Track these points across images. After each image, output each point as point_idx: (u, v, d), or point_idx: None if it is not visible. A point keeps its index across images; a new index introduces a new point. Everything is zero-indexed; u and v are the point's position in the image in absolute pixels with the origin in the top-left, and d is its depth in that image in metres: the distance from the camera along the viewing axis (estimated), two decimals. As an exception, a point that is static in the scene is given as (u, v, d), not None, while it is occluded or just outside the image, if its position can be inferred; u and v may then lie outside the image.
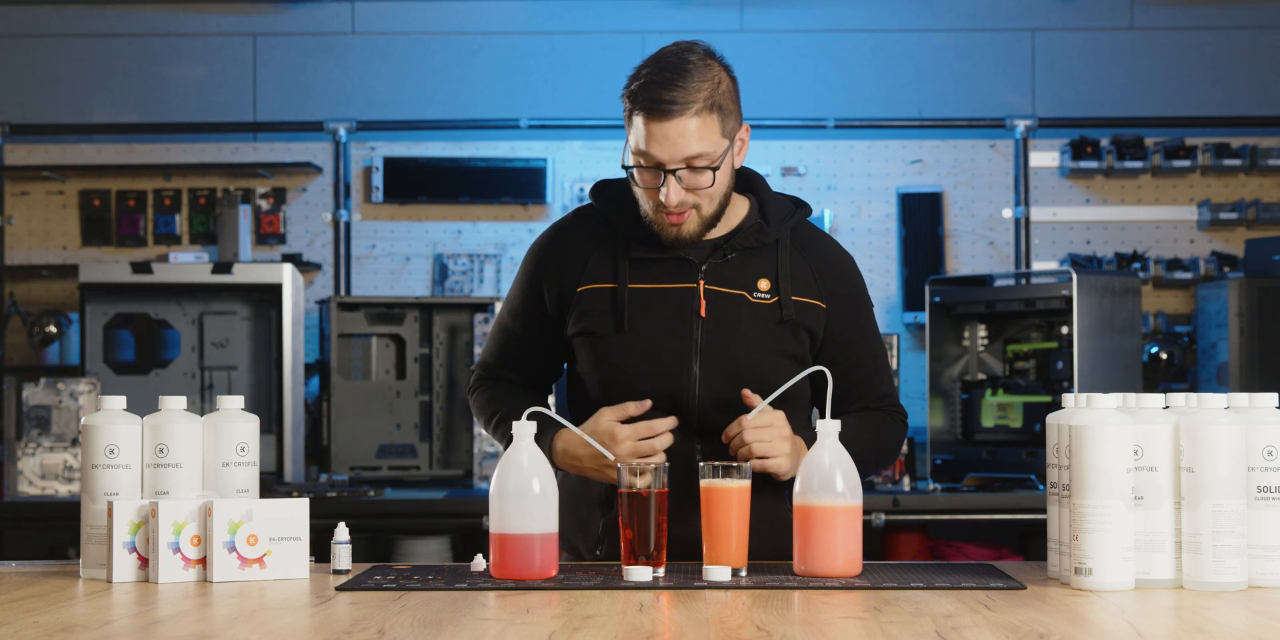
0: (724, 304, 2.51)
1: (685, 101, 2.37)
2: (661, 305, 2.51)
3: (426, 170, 5.61)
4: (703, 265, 2.52)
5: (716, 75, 2.42)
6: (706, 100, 2.39)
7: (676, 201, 2.42)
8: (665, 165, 2.40)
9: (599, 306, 2.52)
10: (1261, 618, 1.91)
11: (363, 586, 2.17)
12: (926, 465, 4.98)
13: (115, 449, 2.34)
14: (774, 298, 2.53)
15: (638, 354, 2.50)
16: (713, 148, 2.41)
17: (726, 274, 2.52)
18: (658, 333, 2.50)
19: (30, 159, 5.66)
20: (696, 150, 2.39)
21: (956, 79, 5.68)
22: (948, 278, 5.05)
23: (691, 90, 2.38)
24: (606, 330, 2.51)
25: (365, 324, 5.19)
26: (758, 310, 2.52)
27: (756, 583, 2.19)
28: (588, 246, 2.57)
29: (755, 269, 2.53)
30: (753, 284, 2.53)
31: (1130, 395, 2.22)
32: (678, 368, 2.49)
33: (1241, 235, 5.56)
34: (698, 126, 2.38)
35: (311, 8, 5.73)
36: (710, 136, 2.40)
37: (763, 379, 2.49)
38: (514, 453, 2.26)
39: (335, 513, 4.25)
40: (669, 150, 2.39)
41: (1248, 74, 5.68)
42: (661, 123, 2.38)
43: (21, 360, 5.54)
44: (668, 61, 2.41)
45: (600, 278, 2.54)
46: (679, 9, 5.64)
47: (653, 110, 2.38)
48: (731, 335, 2.50)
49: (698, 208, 2.45)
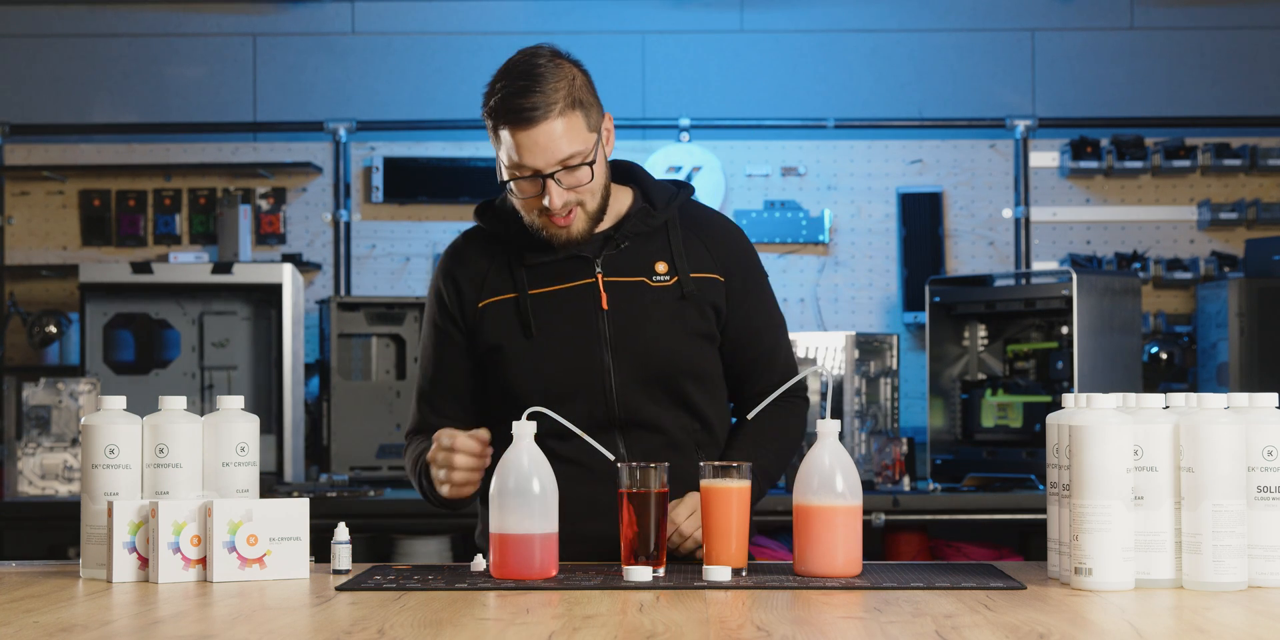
0: (625, 293, 2.53)
1: (546, 105, 2.38)
2: (564, 306, 2.53)
3: (426, 170, 5.61)
4: (598, 258, 2.54)
5: (569, 73, 2.43)
6: (566, 98, 2.40)
7: (560, 204, 2.43)
8: (542, 171, 2.41)
9: (504, 318, 2.54)
10: (1261, 618, 1.91)
11: (363, 586, 2.17)
12: (926, 465, 4.98)
13: (115, 449, 2.34)
14: (673, 278, 2.55)
15: (549, 358, 2.52)
16: (583, 145, 2.42)
17: (622, 263, 2.54)
18: (565, 333, 2.52)
19: (30, 159, 5.66)
20: (568, 151, 2.40)
21: (956, 79, 5.68)
22: (948, 278, 5.05)
23: (549, 92, 2.38)
24: (515, 339, 2.53)
25: (365, 324, 5.19)
26: (659, 293, 2.54)
27: (756, 583, 2.19)
28: (482, 263, 2.58)
29: (650, 253, 2.56)
30: (650, 268, 2.55)
31: (1130, 395, 2.22)
32: (590, 363, 2.51)
33: (1241, 235, 5.56)
34: (564, 127, 2.40)
35: (311, 8, 5.73)
36: (578, 134, 2.41)
37: (674, 361, 2.53)
38: (514, 453, 2.26)
39: (335, 513, 4.25)
40: (542, 156, 2.40)
41: (1248, 74, 5.68)
42: (528, 130, 2.38)
43: (21, 360, 5.54)
44: (519, 70, 2.41)
45: (500, 290, 2.55)
46: (679, 9, 5.64)
47: (516, 120, 2.38)
48: (638, 322, 2.52)
49: (581, 205, 2.47)
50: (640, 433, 2.54)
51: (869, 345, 4.93)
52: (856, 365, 4.88)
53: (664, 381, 2.54)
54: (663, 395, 2.53)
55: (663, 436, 2.55)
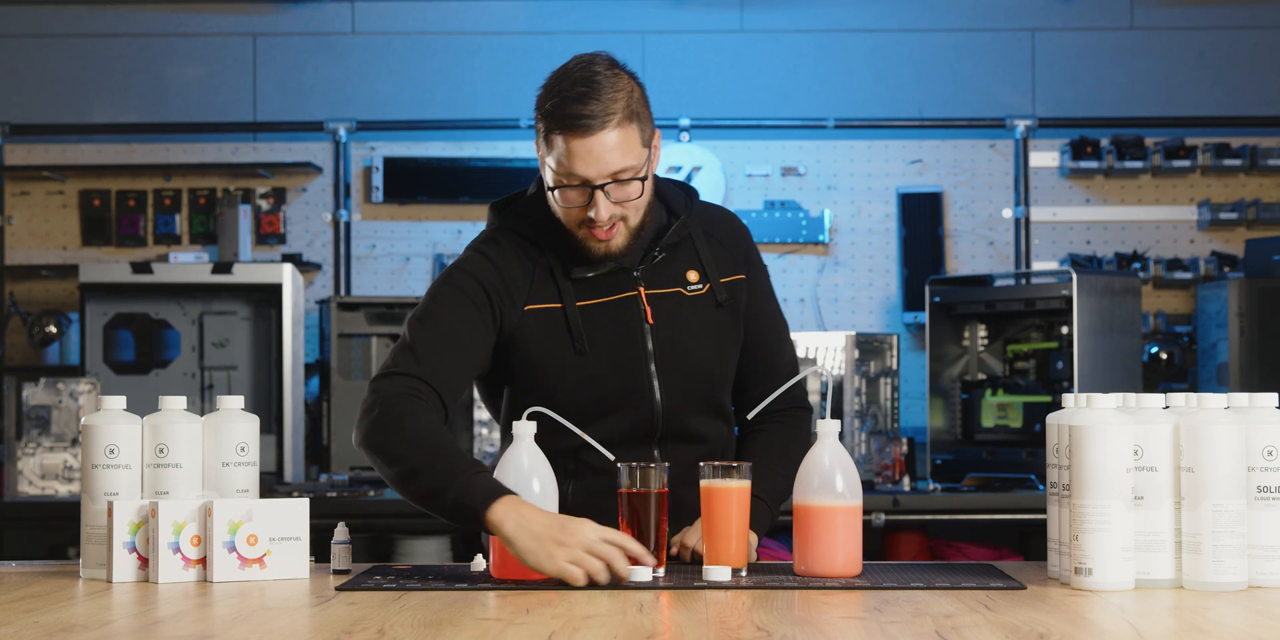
0: (666, 305, 2.50)
1: (605, 115, 2.33)
2: (611, 320, 2.47)
3: (426, 170, 5.61)
4: (636, 271, 2.49)
5: (627, 84, 2.39)
6: (624, 110, 2.36)
7: (606, 216, 2.38)
8: (592, 182, 2.35)
9: (550, 329, 2.45)
10: (1261, 618, 1.91)
11: (363, 586, 2.17)
12: (926, 465, 4.98)
13: (115, 449, 2.34)
14: (705, 286, 2.53)
15: (598, 372, 2.46)
16: (636, 160, 2.37)
17: (659, 275, 2.51)
18: (613, 347, 2.47)
19: (30, 159, 5.66)
20: (621, 164, 2.35)
21: (956, 79, 5.68)
22: (948, 278, 5.05)
23: (608, 102, 2.34)
24: (564, 353, 2.45)
25: (365, 324, 5.19)
26: (695, 303, 2.52)
27: (756, 583, 2.19)
28: (526, 265, 2.47)
29: (681, 263, 2.53)
30: (683, 278, 2.52)
31: (1130, 395, 2.22)
32: (636, 378, 2.48)
33: (1241, 235, 5.56)
34: (619, 139, 2.34)
35: (311, 8, 5.73)
36: (632, 148, 2.36)
37: (714, 371, 2.52)
38: (514, 453, 2.26)
39: (335, 513, 4.25)
40: (594, 166, 2.34)
41: (1248, 74, 5.68)
42: (584, 139, 2.33)
43: (21, 360, 5.54)
44: (577, 77, 2.36)
45: (545, 298, 2.46)
46: (679, 9, 5.64)
47: (573, 128, 2.32)
48: (680, 334, 2.50)
49: (625, 220, 2.41)
50: (679, 444, 2.50)
51: (869, 345, 4.93)
52: (856, 365, 4.88)
53: (705, 392, 2.51)
54: (702, 405, 2.51)
55: (704, 446, 2.53)
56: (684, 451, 2.50)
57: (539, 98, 2.39)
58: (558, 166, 2.36)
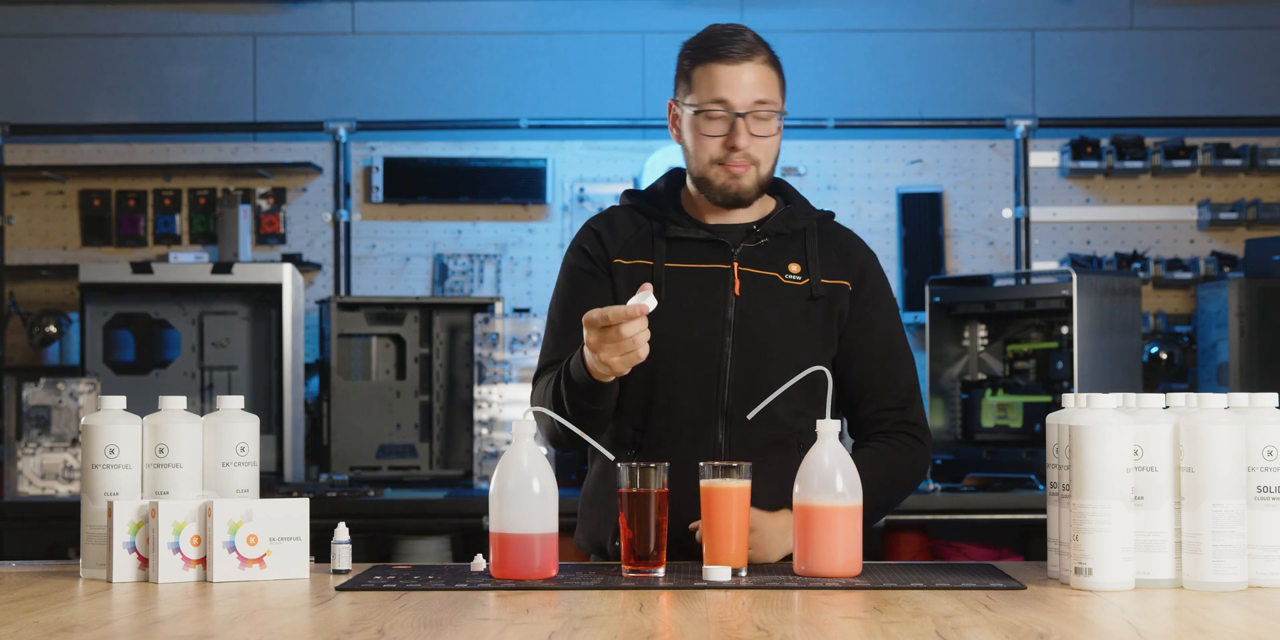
0: (757, 284, 2.57)
1: (753, 50, 2.54)
2: (696, 283, 2.56)
3: (426, 170, 5.61)
4: (736, 248, 2.58)
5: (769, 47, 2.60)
6: (770, 55, 2.56)
7: (745, 145, 2.51)
8: (737, 109, 2.50)
9: (635, 281, 2.55)
10: (1261, 618, 1.91)
11: (363, 586, 2.17)
12: (926, 465, 4.97)
13: (115, 449, 2.34)
14: (805, 279, 2.59)
15: (672, 329, 2.52)
16: (776, 98, 2.55)
17: (759, 257, 2.59)
18: (692, 309, 2.54)
19: (30, 159, 5.66)
20: (764, 95, 2.52)
21: (956, 79, 5.68)
22: (948, 278, 5.05)
23: (755, 43, 2.56)
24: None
25: (365, 324, 5.19)
26: (789, 291, 2.58)
27: (756, 583, 2.19)
28: (629, 229, 2.62)
29: (786, 253, 2.61)
30: (784, 267, 2.60)
31: (1130, 395, 2.22)
32: (710, 345, 2.53)
33: (1241, 235, 5.56)
34: (764, 75, 2.53)
35: (311, 8, 5.73)
36: (774, 87, 2.55)
37: (790, 357, 2.53)
38: (514, 453, 2.26)
39: (335, 513, 4.25)
40: (742, 93, 2.51)
41: (1248, 74, 5.68)
42: (736, 66, 2.52)
43: (21, 360, 5.54)
44: (721, 28, 2.59)
45: (639, 255, 2.59)
46: (679, 9, 5.64)
47: (726, 55, 2.52)
48: (764, 314, 2.55)
49: (757, 164, 2.54)
50: (745, 425, 2.50)
51: (869, 345, 4.92)
52: (856, 365, 4.88)
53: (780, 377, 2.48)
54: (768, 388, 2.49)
55: (768, 432, 2.53)
56: (752, 433, 2.51)
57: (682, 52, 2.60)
58: (703, 93, 2.53)
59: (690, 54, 2.56)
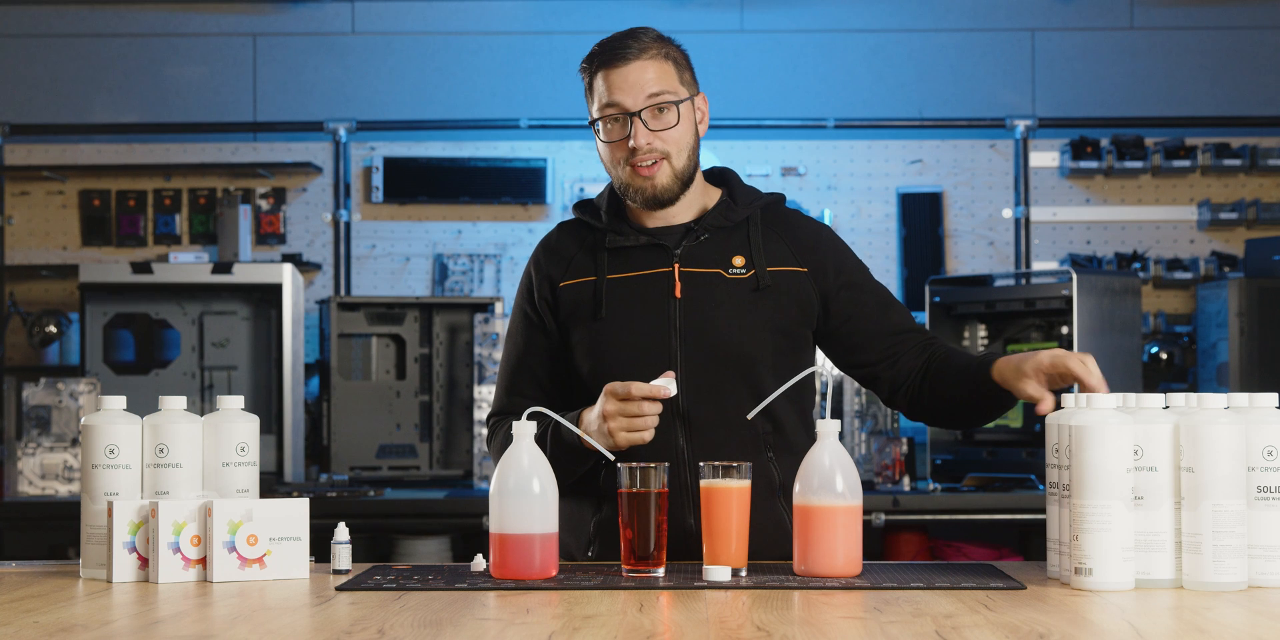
0: (700, 283, 2.55)
1: (640, 47, 2.52)
2: (639, 291, 2.55)
3: (426, 170, 5.61)
4: (677, 249, 2.56)
5: (668, 43, 2.57)
6: (660, 49, 2.53)
7: (645, 142, 2.49)
8: (630, 109, 2.49)
9: (580, 299, 2.57)
10: (1261, 618, 1.91)
11: (363, 586, 2.17)
12: (926, 465, 4.98)
13: (115, 449, 2.34)
14: (750, 271, 2.56)
15: (619, 340, 2.53)
16: (672, 88, 2.52)
17: (700, 255, 2.57)
18: (636, 317, 2.54)
19: (30, 159, 5.66)
20: (657, 88, 2.50)
21: (956, 79, 5.68)
22: (948, 278, 5.05)
23: (645, 41, 2.53)
24: (586, 321, 2.55)
25: (365, 324, 5.19)
26: (734, 285, 2.55)
27: (756, 583, 2.19)
28: (570, 248, 2.63)
29: (729, 248, 2.58)
30: (727, 261, 2.57)
31: (1130, 395, 2.22)
32: (658, 350, 2.52)
33: (1241, 235, 5.56)
34: (655, 69, 2.51)
35: (311, 8, 5.73)
36: (669, 79, 2.53)
37: (746, 353, 2.52)
38: (514, 453, 2.26)
39: (335, 513, 4.25)
40: (630, 93, 2.49)
41: (1248, 74, 5.68)
42: (621, 68, 2.50)
43: (21, 360, 5.54)
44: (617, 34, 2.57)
45: (582, 272, 2.59)
46: (679, 9, 5.64)
47: (610, 60, 2.51)
48: (709, 312, 2.53)
49: (667, 158, 2.51)
50: (706, 427, 2.51)
51: (869, 345, 4.92)
52: (856, 365, 4.88)
53: (736, 375, 2.51)
54: (734, 390, 2.51)
55: (729, 433, 2.52)
56: (712, 435, 2.50)
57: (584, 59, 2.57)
58: (599, 100, 2.52)
59: (586, 65, 2.56)
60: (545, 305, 2.61)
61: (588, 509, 2.57)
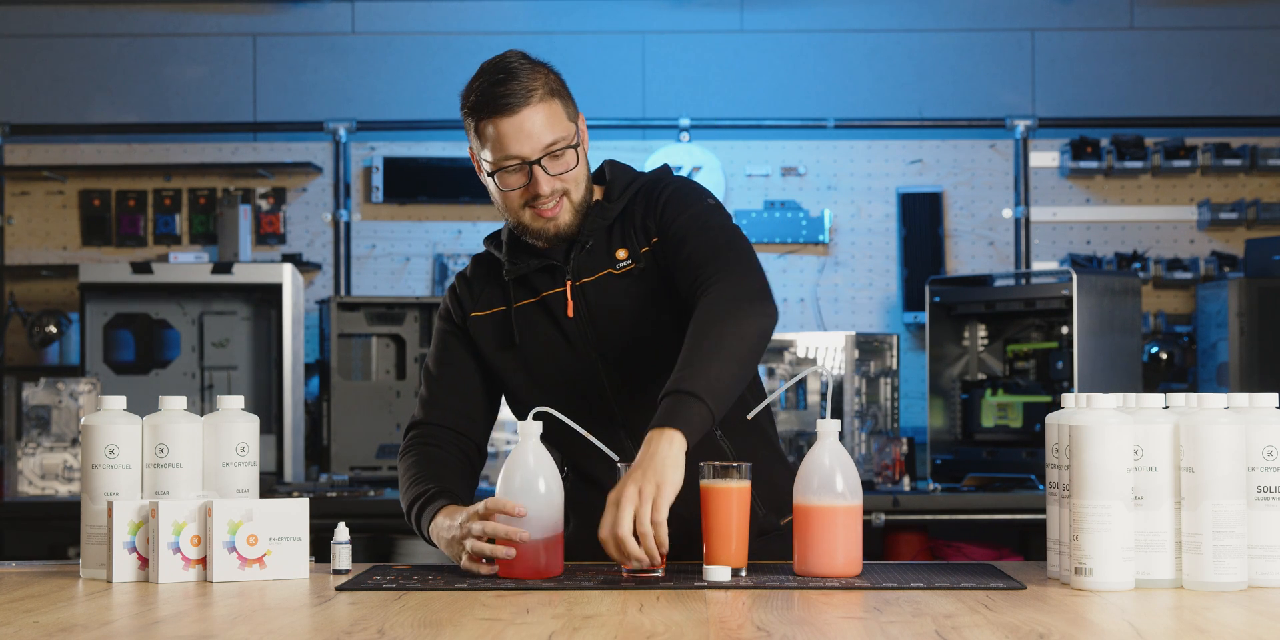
0: (595, 291, 2.53)
1: (526, 92, 2.43)
2: (543, 316, 2.55)
3: (426, 170, 5.61)
4: (567, 265, 2.54)
5: (542, 69, 2.49)
6: (544, 88, 2.45)
7: (549, 190, 2.45)
8: (528, 159, 2.44)
9: (491, 331, 2.58)
10: (1261, 618, 1.91)
11: (363, 586, 2.17)
12: (926, 465, 4.98)
13: (115, 449, 2.34)
14: (633, 262, 2.54)
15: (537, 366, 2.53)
16: (565, 132, 2.46)
17: (589, 262, 2.54)
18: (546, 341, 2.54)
19: (30, 159, 5.66)
20: (552, 137, 2.44)
21: (956, 79, 5.68)
22: (948, 278, 5.05)
23: (527, 82, 2.44)
24: (505, 351, 2.56)
25: (365, 324, 5.19)
26: (626, 282, 2.53)
27: (756, 583, 2.19)
28: (481, 283, 2.62)
29: (611, 244, 2.56)
30: (612, 258, 2.55)
31: (1130, 395, 2.22)
32: (579, 368, 2.52)
33: (1241, 235, 5.56)
34: (546, 114, 2.44)
35: (311, 8, 5.73)
36: (559, 121, 2.46)
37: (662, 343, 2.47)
38: (519, 452, 2.26)
39: (335, 513, 4.25)
40: (527, 143, 2.43)
41: (1248, 74, 5.68)
42: (511, 117, 2.42)
43: (21, 360, 5.54)
44: (492, 68, 2.47)
45: (492, 303, 2.59)
46: (679, 9, 5.64)
47: (499, 109, 2.42)
48: (610, 316, 2.52)
49: (567, 195, 2.49)
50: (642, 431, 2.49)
51: (869, 345, 4.93)
52: (856, 365, 4.88)
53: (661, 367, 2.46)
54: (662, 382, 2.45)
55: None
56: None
57: (462, 100, 2.49)
58: (493, 152, 2.45)
59: (469, 108, 2.46)
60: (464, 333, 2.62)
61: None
